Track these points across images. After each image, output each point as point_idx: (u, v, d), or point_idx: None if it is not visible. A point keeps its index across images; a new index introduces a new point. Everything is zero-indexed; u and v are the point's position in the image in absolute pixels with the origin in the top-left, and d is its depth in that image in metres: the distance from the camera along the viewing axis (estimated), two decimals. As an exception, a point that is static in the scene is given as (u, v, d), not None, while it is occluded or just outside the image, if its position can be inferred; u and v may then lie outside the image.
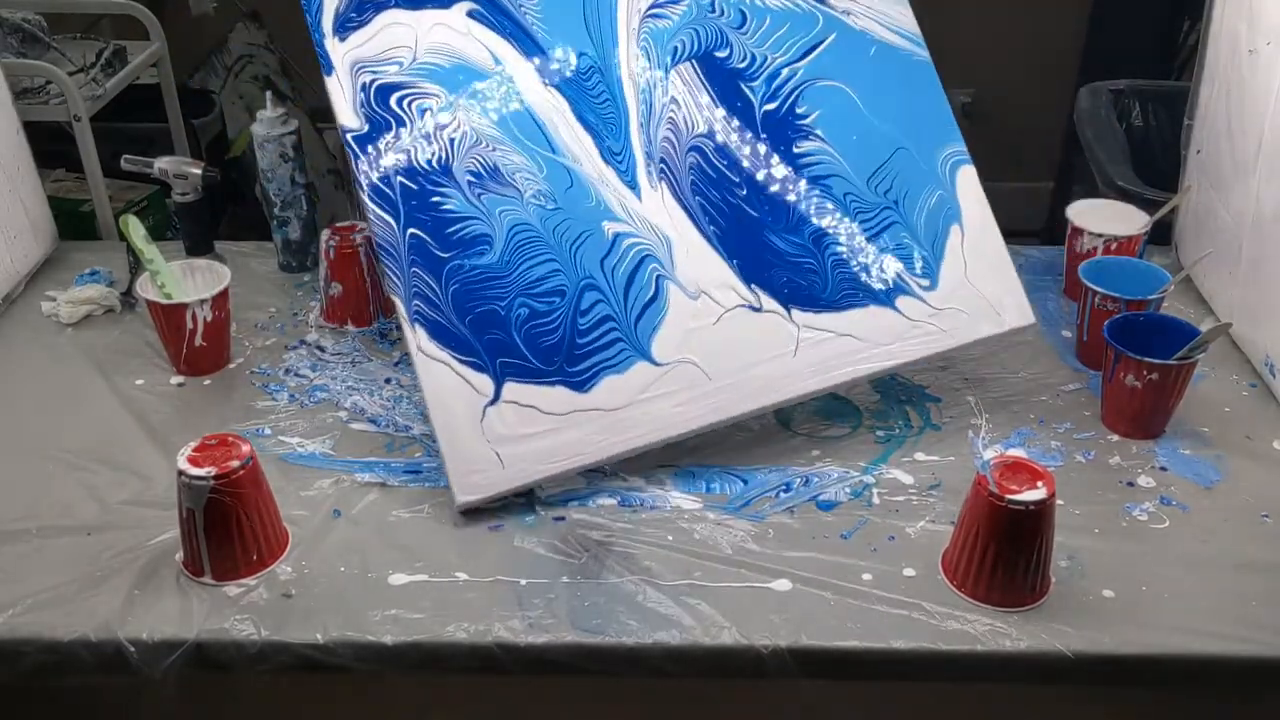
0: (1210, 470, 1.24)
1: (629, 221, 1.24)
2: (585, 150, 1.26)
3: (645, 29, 1.30)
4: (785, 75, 1.30)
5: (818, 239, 1.26)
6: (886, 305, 1.25)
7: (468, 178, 1.23)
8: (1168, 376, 1.25)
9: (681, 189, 1.26)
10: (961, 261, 1.28)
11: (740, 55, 1.31)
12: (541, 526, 1.16)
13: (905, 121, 1.31)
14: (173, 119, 2.31)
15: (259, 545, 1.09)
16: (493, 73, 1.26)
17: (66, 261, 1.62)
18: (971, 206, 1.30)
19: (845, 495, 1.21)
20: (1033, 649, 1.03)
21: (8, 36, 1.97)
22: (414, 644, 1.03)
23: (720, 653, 1.03)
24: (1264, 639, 1.04)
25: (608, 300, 1.22)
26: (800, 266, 1.24)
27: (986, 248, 1.29)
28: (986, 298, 1.27)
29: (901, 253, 1.26)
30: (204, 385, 1.38)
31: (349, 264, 1.46)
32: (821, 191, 1.27)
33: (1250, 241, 1.39)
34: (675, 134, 1.27)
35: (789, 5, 1.33)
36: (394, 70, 1.25)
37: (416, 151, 1.23)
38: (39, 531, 1.15)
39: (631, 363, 1.21)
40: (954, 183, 1.30)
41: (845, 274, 1.25)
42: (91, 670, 1.03)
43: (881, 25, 1.34)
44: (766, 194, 1.27)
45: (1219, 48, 1.51)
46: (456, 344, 1.18)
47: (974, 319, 1.27)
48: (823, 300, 1.24)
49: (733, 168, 1.27)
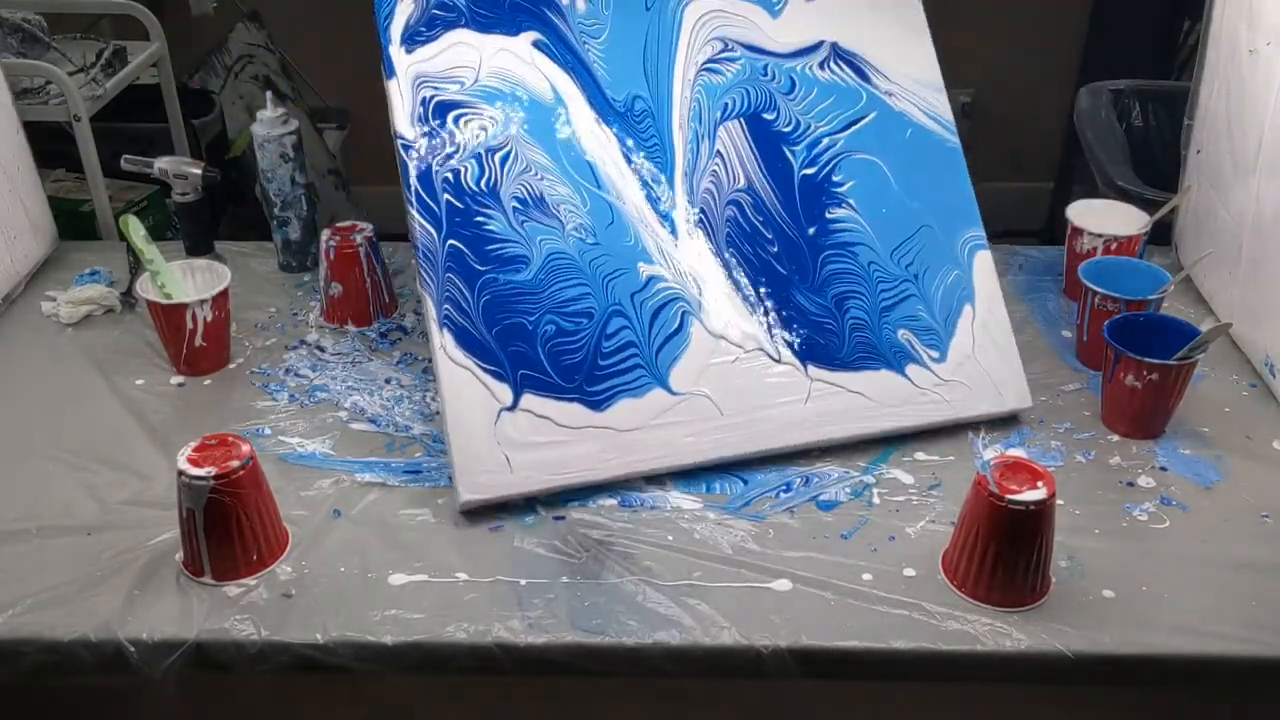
0: (1210, 470, 1.24)
1: (664, 265, 1.27)
2: (630, 190, 1.30)
3: (700, 80, 1.36)
4: (825, 144, 1.36)
5: (840, 302, 1.31)
6: (897, 371, 1.29)
7: (513, 203, 1.25)
8: (1168, 377, 1.25)
9: (717, 241, 1.30)
10: (970, 339, 1.32)
11: (786, 120, 1.36)
12: (541, 526, 1.16)
13: (932, 202, 1.37)
14: (173, 119, 2.31)
15: (259, 545, 1.09)
16: (550, 104, 1.30)
17: (66, 261, 1.62)
18: (985, 289, 1.35)
19: (845, 495, 1.21)
20: (1033, 649, 1.03)
21: (8, 36, 1.97)
22: (414, 644, 1.03)
23: (720, 653, 1.03)
24: (1264, 639, 1.04)
25: (633, 327, 1.24)
26: (821, 326, 1.29)
27: (994, 329, 1.34)
28: (990, 376, 1.31)
29: (915, 325, 1.31)
30: (204, 385, 1.38)
31: (349, 264, 1.46)
32: (848, 258, 1.33)
33: (1250, 241, 1.39)
34: (716, 186, 1.32)
35: (836, 79, 1.39)
36: (455, 89, 1.28)
37: (466, 172, 1.26)
38: (39, 531, 1.15)
39: (648, 389, 1.23)
40: (971, 265, 1.35)
41: (862, 339, 1.29)
42: (91, 670, 1.03)
43: (919, 109, 1.40)
44: (796, 253, 1.32)
45: (1219, 48, 1.51)
46: (481, 352, 1.20)
47: (976, 395, 1.30)
48: (838, 360, 1.28)
49: (768, 224, 1.32)
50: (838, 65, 1.40)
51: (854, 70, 1.40)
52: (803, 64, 1.39)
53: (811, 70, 1.39)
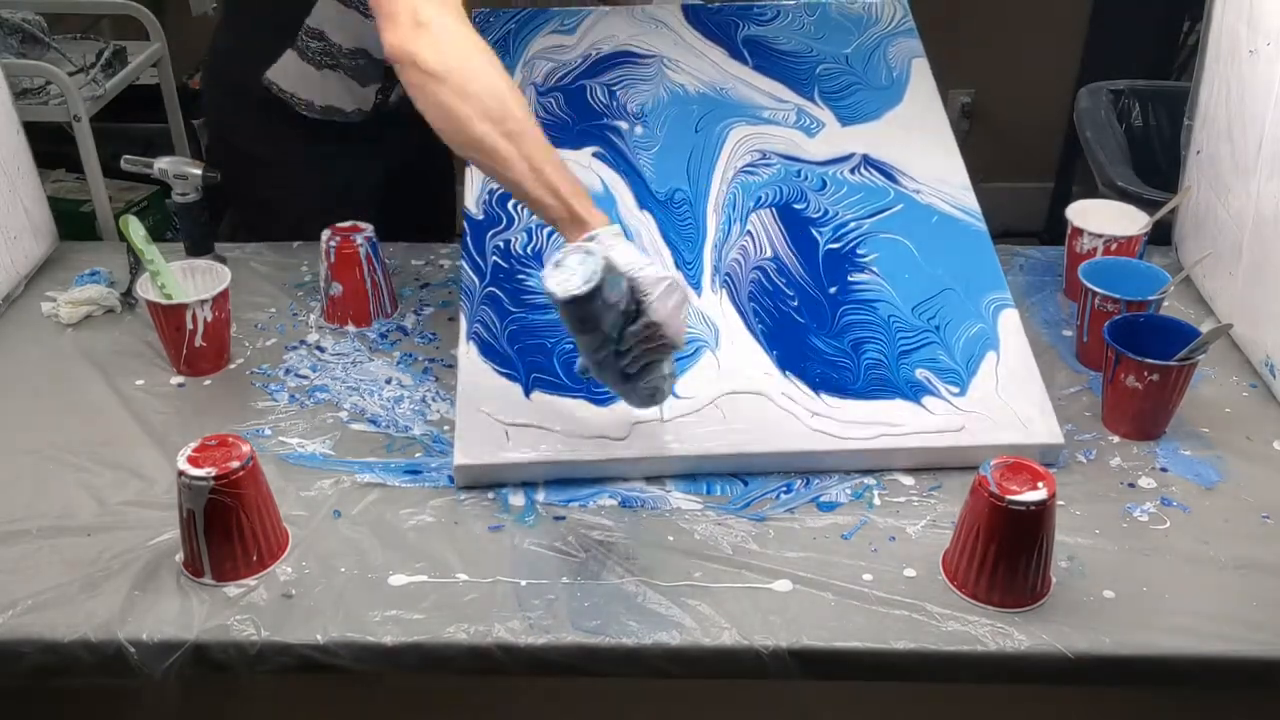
0: (1210, 471, 1.24)
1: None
2: (661, 258, 1.40)
3: (738, 180, 1.49)
4: (852, 226, 1.45)
5: (856, 345, 1.33)
6: (912, 401, 1.27)
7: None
8: (1168, 377, 1.24)
9: (739, 297, 1.37)
10: (994, 380, 1.30)
11: (816, 209, 1.47)
12: (541, 526, 1.16)
13: (956, 270, 1.40)
14: (173, 119, 2.31)
15: (259, 545, 1.09)
16: (600, 195, 1.44)
17: (66, 262, 1.62)
18: (1011, 341, 1.33)
19: (846, 496, 1.21)
20: (1033, 649, 1.03)
21: (8, 37, 1.97)
22: (414, 644, 1.03)
23: (720, 653, 1.03)
24: (1264, 639, 1.04)
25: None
26: (835, 364, 1.31)
27: (1022, 374, 1.30)
28: (1015, 412, 1.26)
29: (935, 365, 1.31)
30: (204, 385, 1.38)
31: (349, 264, 1.46)
32: (867, 311, 1.36)
33: (1250, 242, 1.39)
34: (744, 256, 1.42)
35: (865, 180, 1.50)
36: None
37: (515, 241, 1.42)
38: (39, 531, 1.15)
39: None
40: (996, 321, 1.36)
41: (877, 375, 1.30)
42: (91, 670, 1.03)
43: (946, 203, 1.47)
44: (816, 308, 1.36)
45: (1219, 48, 1.51)
46: (500, 359, 1.31)
47: (998, 426, 1.25)
48: (852, 390, 1.28)
49: (789, 285, 1.38)
50: (868, 170, 1.51)
51: (883, 174, 1.51)
52: (835, 169, 1.51)
53: (843, 174, 1.51)
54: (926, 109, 1.59)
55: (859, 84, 1.62)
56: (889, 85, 1.62)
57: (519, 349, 1.31)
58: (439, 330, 1.48)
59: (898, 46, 1.67)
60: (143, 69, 2.17)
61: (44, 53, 2.00)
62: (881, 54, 1.67)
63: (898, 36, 1.69)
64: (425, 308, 1.53)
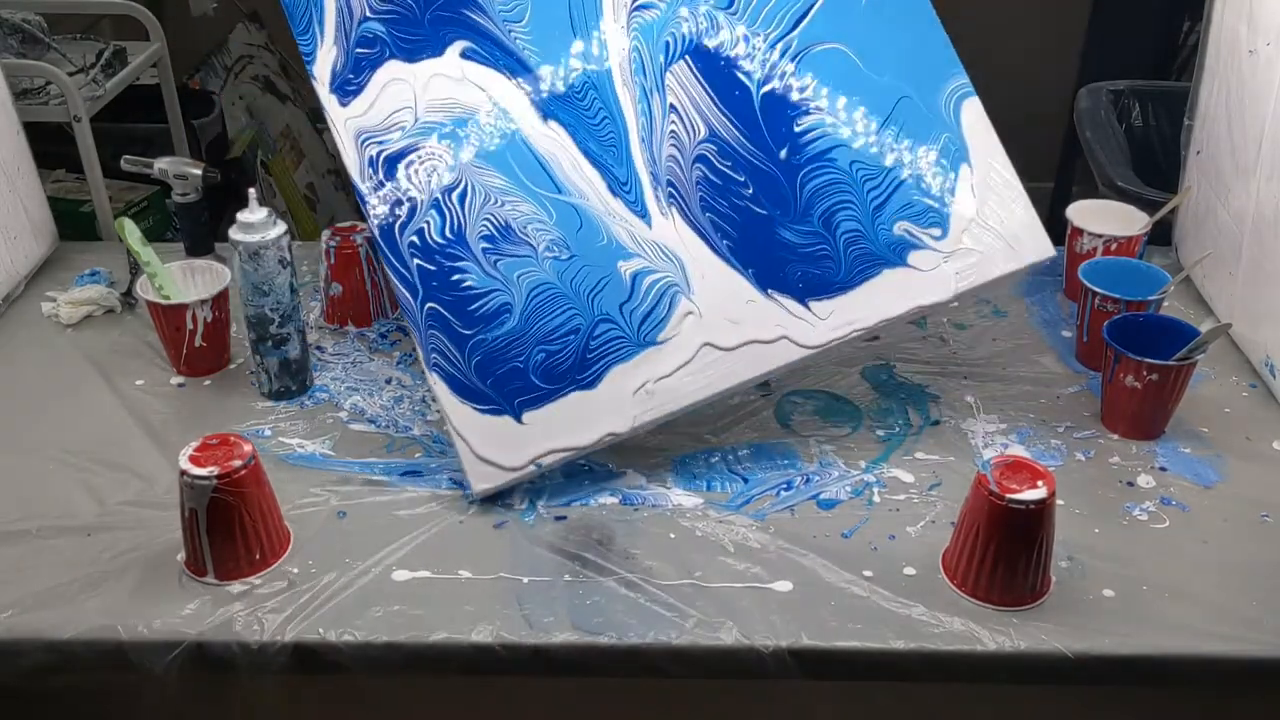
0: (1210, 470, 1.24)
1: (642, 255, 1.24)
2: (592, 185, 1.25)
3: (635, 24, 1.29)
4: (779, 50, 1.28)
5: (828, 220, 1.25)
6: (899, 265, 1.23)
7: (482, 245, 1.23)
8: (1167, 377, 1.25)
9: (691, 210, 1.25)
10: (972, 200, 1.25)
11: (732, 41, 1.28)
12: (542, 525, 1.16)
13: (906, 68, 1.28)
14: (173, 119, 2.31)
15: (261, 544, 1.09)
16: (491, 115, 1.26)
17: (66, 262, 1.62)
18: (979, 141, 1.27)
19: (846, 494, 1.21)
20: (1033, 649, 1.03)
21: (8, 37, 1.97)
22: (415, 643, 1.03)
23: (720, 653, 1.03)
24: (1264, 639, 1.04)
25: (619, 327, 1.22)
26: (813, 255, 1.24)
27: (997, 184, 1.26)
28: (1001, 234, 1.25)
29: (911, 212, 1.24)
30: (204, 386, 1.38)
31: (349, 265, 1.46)
32: (827, 168, 1.26)
33: (1250, 242, 1.39)
34: (679, 148, 1.26)
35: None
36: (398, 136, 1.25)
37: (430, 227, 1.23)
38: (39, 531, 1.15)
39: (636, 353, 1.22)
40: (959, 120, 1.28)
41: (858, 250, 1.24)
42: (92, 670, 1.04)
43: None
44: (774, 186, 1.25)
45: (1219, 48, 1.51)
46: (478, 398, 1.20)
47: (989, 257, 1.24)
48: (837, 283, 1.23)
49: (737, 167, 1.26)
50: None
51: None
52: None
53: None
54: None
55: None
56: None
57: (493, 382, 1.20)
58: (439, 330, 1.48)
59: None
60: (143, 69, 2.17)
61: (44, 53, 2.00)
62: None
63: None
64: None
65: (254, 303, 1.29)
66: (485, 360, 1.21)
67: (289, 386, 1.35)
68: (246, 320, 1.31)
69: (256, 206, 1.27)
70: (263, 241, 1.26)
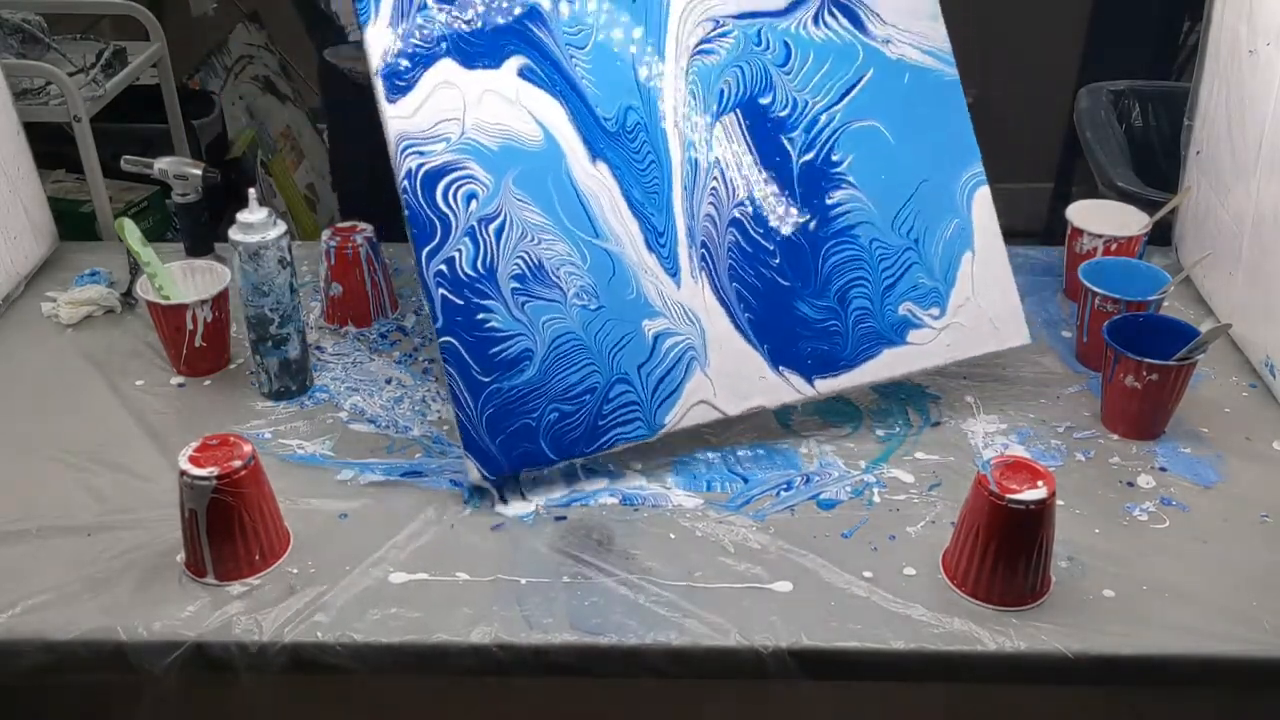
0: (1210, 470, 1.24)
1: (666, 316, 1.24)
2: (629, 234, 1.24)
3: (694, 67, 1.29)
4: (824, 121, 1.31)
5: (843, 296, 1.29)
6: (898, 345, 1.30)
7: (512, 284, 1.20)
8: (1167, 377, 1.25)
9: (719, 279, 1.26)
10: (970, 284, 1.32)
11: (783, 102, 1.30)
12: (541, 526, 1.16)
13: (931, 152, 1.34)
14: (173, 119, 2.31)
15: (261, 545, 1.09)
16: (541, 147, 1.23)
17: (66, 262, 1.62)
18: (984, 227, 1.34)
19: (846, 494, 1.21)
20: (1033, 649, 1.03)
21: (8, 37, 1.97)
22: (414, 644, 1.03)
23: (720, 653, 1.03)
24: (1264, 639, 1.04)
25: (635, 391, 1.22)
26: (825, 331, 1.28)
27: (993, 266, 1.33)
28: (987, 316, 1.32)
29: (917, 293, 1.31)
30: (204, 386, 1.38)
31: (349, 265, 1.46)
32: (849, 243, 1.30)
33: (1250, 242, 1.39)
34: (717, 206, 1.27)
35: (831, 36, 1.33)
36: (441, 148, 1.20)
37: (461, 256, 1.19)
38: (39, 531, 1.15)
39: (646, 436, 1.23)
40: (970, 207, 1.34)
41: (864, 329, 1.29)
42: (91, 670, 1.04)
43: (916, 49, 1.34)
44: (798, 257, 1.29)
45: (1219, 48, 1.51)
46: (484, 459, 1.18)
47: (977, 334, 1.31)
48: (843, 361, 1.28)
49: (768, 236, 1.28)
50: (832, 15, 1.33)
51: (849, 17, 1.33)
52: (797, 21, 1.32)
53: (805, 29, 1.32)
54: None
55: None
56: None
57: (503, 443, 1.18)
58: (439, 330, 1.48)
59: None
60: (143, 69, 2.17)
61: (44, 53, 2.00)
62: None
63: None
64: (425, 308, 1.53)
65: (254, 303, 1.29)
66: (498, 414, 1.18)
67: (289, 386, 1.35)
68: (246, 320, 1.31)
69: (256, 206, 1.26)
70: (263, 241, 1.26)
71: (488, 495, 1.19)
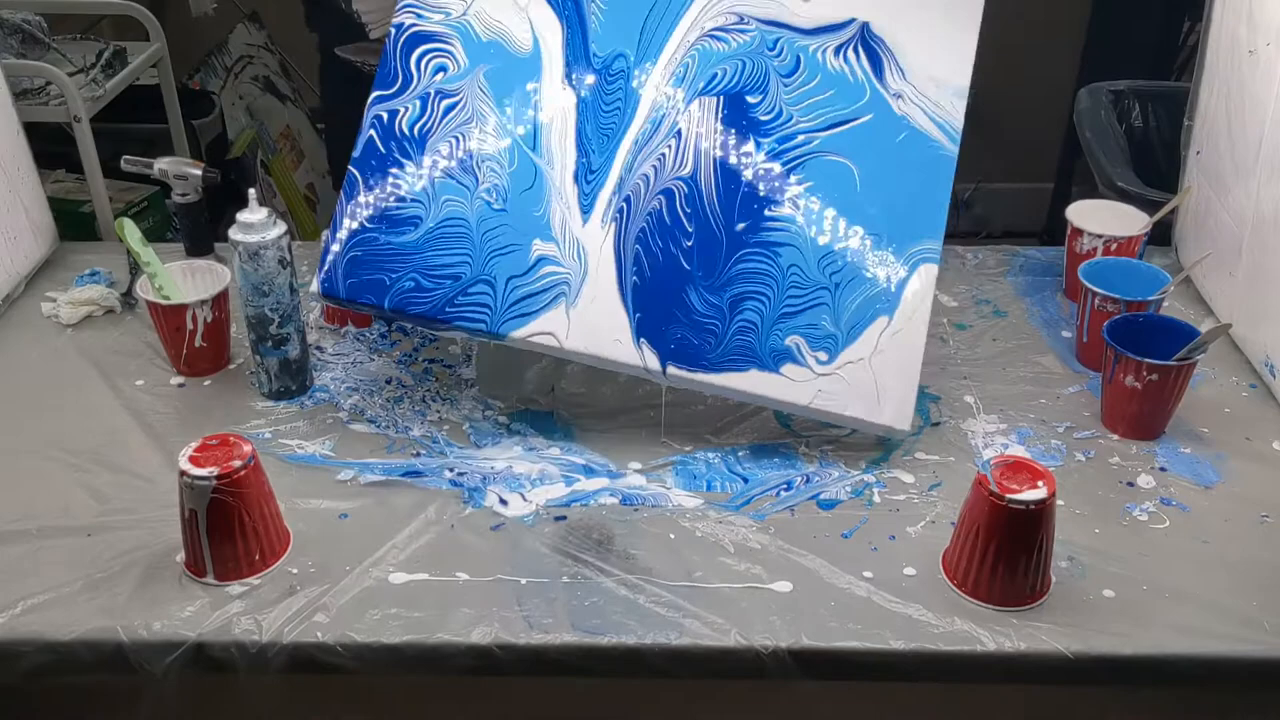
0: (1210, 471, 1.24)
1: (558, 245, 1.24)
2: (563, 161, 1.26)
3: (698, 45, 1.29)
4: (800, 140, 1.28)
5: (736, 302, 1.24)
6: (770, 371, 1.23)
7: (435, 156, 1.25)
8: (1167, 377, 1.25)
9: (625, 238, 1.24)
10: (871, 348, 1.23)
11: (769, 107, 1.29)
12: (541, 526, 1.16)
13: (894, 210, 1.27)
14: (173, 119, 2.31)
15: (261, 545, 1.09)
16: (526, 57, 1.28)
17: (66, 262, 1.62)
18: (913, 301, 1.25)
19: (846, 494, 1.21)
20: (1033, 649, 1.03)
21: (8, 37, 1.97)
22: (414, 644, 1.03)
23: (720, 653, 1.03)
24: (1264, 639, 1.04)
25: (494, 297, 1.23)
26: (702, 326, 1.23)
27: (905, 343, 1.24)
28: (875, 386, 1.22)
29: (811, 333, 1.23)
30: (204, 386, 1.38)
31: (349, 264, 1.46)
32: (767, 258, 1.25)
33: (1250, 242, 1.39)
34: (658, 171, 1.26)
35: (845, 71, 1.30)
36: (438, 19, 1.27)
37: (405, 114, 1.26)
38: (39, 532, 1.15)
39: (484, 339, 1.24)
40: (909, 277, 1.25)
41: (741, 342, 1.23)
42: (91, 670, 1.04)
43: (925, 113, 1.30)
44: (711, 249, 1.24)
45: (1219, 48, 1.51)
46: (328, 281, 1.24)
47: (851, 396, 1.22)
48: (704, 362, 1.23)
49: (693, 218, 1.25)
50: (856, 53, 1.31)
51: (871, 60, 1.31)
52: (819, 44, 1.31)
53: (824, 54, 1.30)
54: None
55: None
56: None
57: (352, 284, 1.22)
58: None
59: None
60: (143, 69, 2.17)
61: (44, 53, 2.00)
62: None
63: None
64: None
65: (254, 303, 1.29)
66: (363, 259, 1.23)
67: (289, 386, 1.35)
68: (246, 320, 1.31)
69: (256, 207, 1.26)
70: (263, 242, 1.26)
71: (487, 496, 1.20)
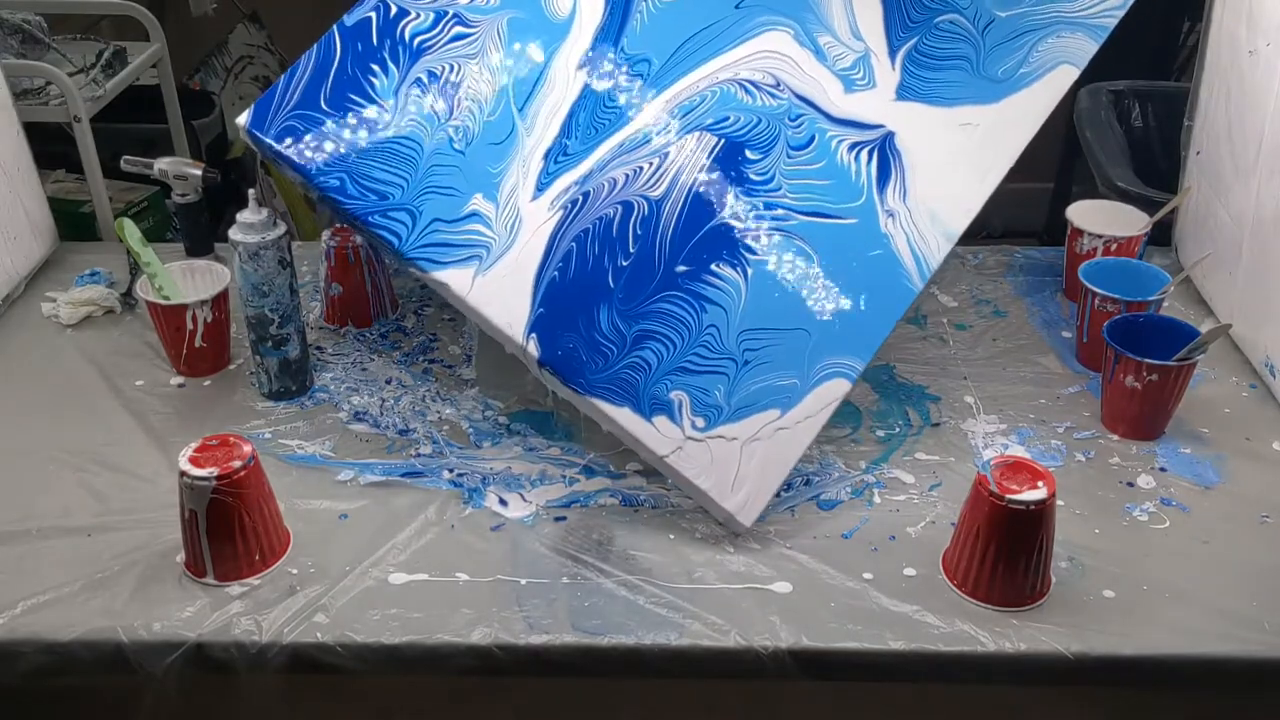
0: (1210, 471, 1.24)
1: (496, 209, 1.21)
2: (541, 134, 1.23)
3: (724, 86, 1.27)
4: (781, 215, 1.24)
5: (639, 339, 1.18)
6: (641, 416, 1.16)
7: (420, 73, 1.22)
8: (1167, 377, 1.25)
9: (566, 228, 1.20)
10: (750, 433, 1.16)
11: (764, 169, 1.25)
12: (541, 527, 1.16)
13: (837, 318, 1.22)
14: (173, 120, 2.31)
15: (261, 545, 1.09)
16: (559, 23, 1.26)
17: (66, 262, 1.62)
18: (811, 410, 1.19)
19: (846, 495, 1.21)
20: (1033, 649, 1.03)
21: (8, 37, 1.97)
22: (414, 644, 1.03)
23: (720, 653, 1.03)
24: (1264, 639, 1.04)
25: (410, 230, 1.19)
26: (597, 347, 1.17)
27: (785, 443, 1.17)
28: (737, 472, 1.15)
29: (699, 397, 1.17)
30: (204, 386, 1.38)
31: (349, 266, 1.46)
32: (691, 311, 1.19)
33: (1250, 242, 1.39)
34: (627, 181, 1.22)
35: (851, 167, 1.27)
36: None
37: (412, 20, 1.24)
38: (39, 532, 1.15)
39: (394, 248, 1.20)
40: (816, 385, 1.19)
41: (627, 378, 1.16)
42: (91, 670, 1.04)
43: (908, 241, 1.26)
44: (641, 281, 1.20)
45: (1219, 48, 1.51)
46: (258, 120, 1.21)
47: (710, 469, 1.15)
48: (580, 382, 1.16)
49: (637, 242, 1.21)
50: (870, 156, 1.28)
51: (880, 169, 1.27)
52: (840, 135, 1.28)
53: (840, 145, 1.27)
54: (1014, 126, 1.31)
55: (966, 63, 1.32)
56: (1002, 81, 1.33)
57: (290, 145, 1.19)
58: (439, 331, 1.48)
59: (1063, 40, 1.37)
60: (143, 69, 2.17)
61: (44, 53, 2.00)
62: (1033, 40, 1.35)
63: (1078, 27, 1.38)
64: (425, 308, 1.53)
65: (254, 303, 1.29)
66: (301, 135, 1.20)
67: (289, 387, 1.35)
68: (246, 320, 1.31)
69: (256, 207, 1.26)
70: (263, 242, 1.25)
71: (487, 497, 1.20)
